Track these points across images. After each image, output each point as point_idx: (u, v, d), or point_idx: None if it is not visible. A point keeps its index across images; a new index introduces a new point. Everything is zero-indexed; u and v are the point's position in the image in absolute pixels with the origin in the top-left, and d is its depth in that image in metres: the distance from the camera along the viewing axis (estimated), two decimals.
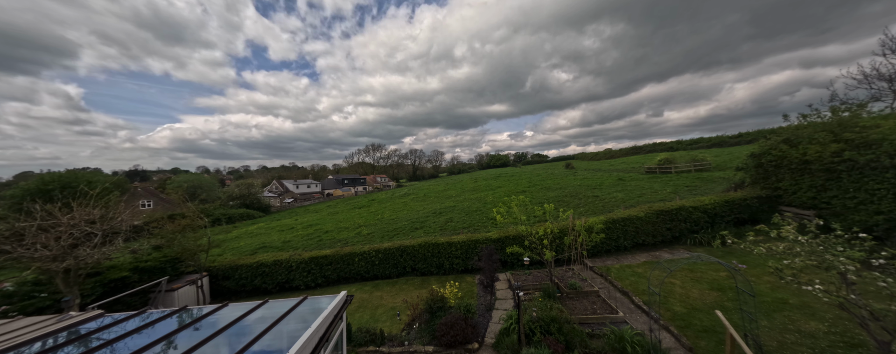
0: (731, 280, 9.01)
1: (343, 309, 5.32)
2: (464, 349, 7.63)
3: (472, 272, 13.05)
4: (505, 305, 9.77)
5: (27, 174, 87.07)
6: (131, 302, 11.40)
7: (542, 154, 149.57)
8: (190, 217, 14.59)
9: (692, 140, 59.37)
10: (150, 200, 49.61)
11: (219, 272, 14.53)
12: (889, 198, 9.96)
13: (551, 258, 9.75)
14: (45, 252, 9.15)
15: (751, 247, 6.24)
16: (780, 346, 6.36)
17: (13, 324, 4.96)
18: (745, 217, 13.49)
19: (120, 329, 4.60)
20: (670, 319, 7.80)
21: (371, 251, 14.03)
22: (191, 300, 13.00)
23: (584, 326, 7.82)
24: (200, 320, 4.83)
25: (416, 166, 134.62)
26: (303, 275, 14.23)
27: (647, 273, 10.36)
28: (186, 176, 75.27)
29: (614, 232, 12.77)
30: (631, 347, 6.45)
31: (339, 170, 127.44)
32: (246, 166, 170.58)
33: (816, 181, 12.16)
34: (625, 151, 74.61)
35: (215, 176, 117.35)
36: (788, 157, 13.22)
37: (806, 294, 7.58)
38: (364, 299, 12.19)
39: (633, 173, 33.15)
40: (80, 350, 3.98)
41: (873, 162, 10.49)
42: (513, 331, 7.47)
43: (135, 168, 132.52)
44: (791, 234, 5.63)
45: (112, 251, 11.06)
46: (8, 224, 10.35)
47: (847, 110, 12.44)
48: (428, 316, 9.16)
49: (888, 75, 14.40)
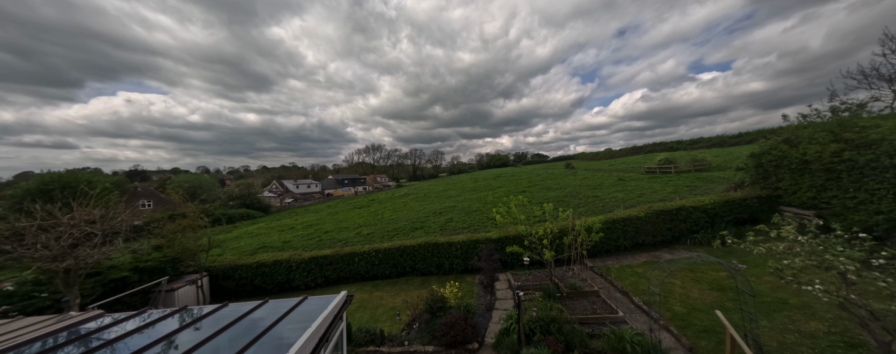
0: (731, 280, 9.01)
1: (343, 309, 5.32)
2: (464, 349, 7.63)
3: (472, 272, 13.05)
4: (505, 305, 9.77)
5: (27, 174, 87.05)
6: (131, 302, 11.39)
7: (543, 154, 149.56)
8: (190, 217, 14.58)
9: (692, 140, 59.38)
10: (150, 200, 49.63)
11: (219, 272, 14.53)
12: (889, 198, 9.95)
13: (551, 258, 9.75)
14: (46, 252, 9.14)
15: (751, 247, 6.24)
16: (781, 346, 6.37)
17: (13, 324, 4.96)
18: (745, 217, 13.48)
19: (120, 328, 4.60)
20: (670, 319, 7.80)
21: (371, 251, 14.02)
22: (191, 300, 13.00)
23: (584, 326, 7.82)
24: (200, 320, 4.83)
25: (416, 166, 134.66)
26: (303, 275, 14.23)
27: (647, 273, 10.36)
28: (186, 176, 75.24)
29: (614, 232, 12.77)
30: (631, 347, 6.45)
31: (339, 170, 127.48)
32: (246, 167, 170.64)
33: (816, 181, 12.16)
34: (625, 151, 74.67)
35: (215, 176, 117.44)
36: (788, 157, 13.22)
37: (806, 294, 7.58)
38: (364, 299, 12.19)
39: (633, 173, 33.15)
40: (80, 350, 3.98)
41: (873, 162, 10.49)
42: (513, 331, 7.47)
43: (135, 168, 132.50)
44: (791, 234, 5.63)
45: (112, 251, 11.06)
46: (8, 224, 10.35)
47: (847, 110, 12.44)
48: (428, 316, 9.17)
49: (888, 75, 14.38)
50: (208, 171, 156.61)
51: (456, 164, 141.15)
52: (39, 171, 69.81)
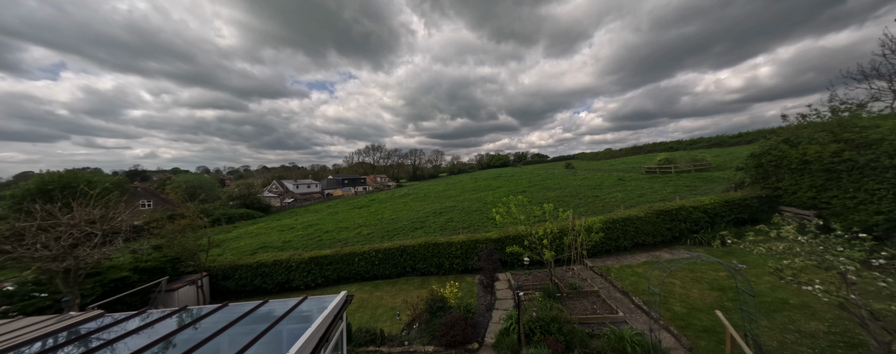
0: (731, 280, 9.00)
1: (343, 309, 5.32)
2: (464, 349, 7.63)
3: (472, 272, 13.05)
4: (505, 305, 9.77)
5: (27, 174, 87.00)
6: (131, 302, 11.40)
7: (543, 154, 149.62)
8: (190, 217, 14.59)
9: (692, 140, 59.31)
10: (150, 200, 49.59)
11: (219, 272, 14.53)
12: (889, 198, 9.95)
13: (551, 258, 9.75)
14: (45, 252, 9.15)
15: (751, 247, 6.24)
16: (780, 346, 6.36)
17: (13, 324, 4.96)
18: (745, 217, 13.48)
19: (120, 328, 4.60)
20: (670, 319, 7.79)
21: (371, 251, 14.02)
22: (191, 300, 13.00)
23: (584, 326, 7.82)
24: (200, 320, 4.83)
25: (417, 166, 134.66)
26: (303, 275, 14.23)
27: (647, 273, 10.35)
28: (186, 176, 75.15)
29: (614, 232, 12.77)
30: (631, 347, 6.45)
31: (339, 170, 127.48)
32: (246, 166, 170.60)
33: (816, 181, 12.15)
34: (625, 151, 74.62)
35: (215, 176, 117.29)
36: (788, 157, 13.22)
37: (806, 294, 7.60)
38: (364, 299, 12.19)
39: (633, 173, 33.13)
40: (80, 350, 3.98)
41: (873, 162, 10.49)
42: (513, 331, 7.47)
43: (135, 168, 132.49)
44: (791, 234, 5.63)
45: (112, 251, 11.06)
46: (8, 224, 10.34)
47: (847, 110, 12.44)
48: (428, 316, 9.16)
49: (888, 75, 14.36)
50: (208, 171, 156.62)
51: (456, 164, 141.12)
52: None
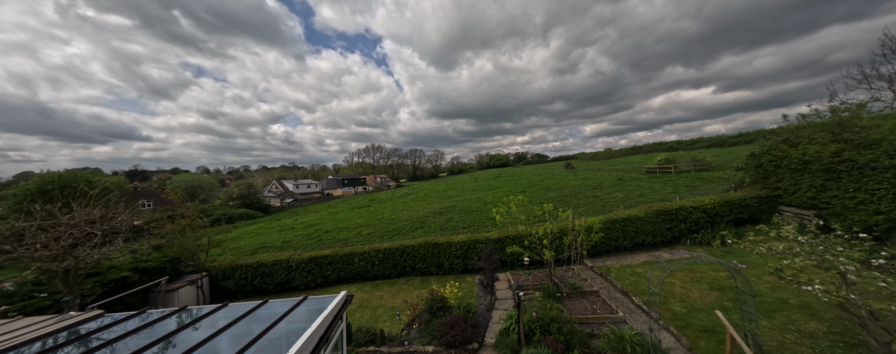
0: (731, 280, 9.00)
1: (343, 309, 5.32)
2: (464, 349, 7.63)
3: (472, 272, 13.05)
4: (505, 305, 9.77)
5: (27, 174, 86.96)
6: (131, 302, 11.40)
7: (543, 154, 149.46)
8: (190, 217, 14.59)
9: (692, 140, 59.28)
10: (149, 200, 49.60)
11: (219, 272, 14.53)
12: (889, 198, 9.95)
13: (551, 258, 9.75)
14: (45, 252, 9.14)
15: (751, 247, 6.25)
16: (780, 346, 6.36)
17: (13, 324, 4.96)
18: (745, 217, 13.47)
19: (120, 329, 4.60)
20: (670, 319, 7.79)
21: (371, 251, 14.02)
22: (191, 300, 13.00)
23: (584, 326, 7.82)
24: (200, 320, 4.83)
25: (417, 166, 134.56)
26: (303, 275, 14.23)
27: (647, 273, 10.35)
28: (186, 176, 75.27)
29: (614, 232, 12.76)
30: (631, 347, 6.45)
31: (339, 170, 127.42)
32: (246, 166, 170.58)
33: (816, 181, 12.15)
34: (625, 151, 74.54)
35: (215, 176, 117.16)
36: (788, 157, 13.22)
37: (806, 294, 7.60)
38: (364, 299, 12.18)
39: (633, 173, 33.13)
40: (80, 350, 3.98)
41: (873, 162, 10.49)
42: (513, 331, 7.47)
43: (135, 168, 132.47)
44: (791, 234, 5.64)
45: (112, 251, 11.06)
46: (8, 224, 10.35)
47: (847, 110, 12.44)
48: (428, 316, 9.16)
49: (888, 75, 14.36)
50: (208, 171, 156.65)
51: (456, 164, 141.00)
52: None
